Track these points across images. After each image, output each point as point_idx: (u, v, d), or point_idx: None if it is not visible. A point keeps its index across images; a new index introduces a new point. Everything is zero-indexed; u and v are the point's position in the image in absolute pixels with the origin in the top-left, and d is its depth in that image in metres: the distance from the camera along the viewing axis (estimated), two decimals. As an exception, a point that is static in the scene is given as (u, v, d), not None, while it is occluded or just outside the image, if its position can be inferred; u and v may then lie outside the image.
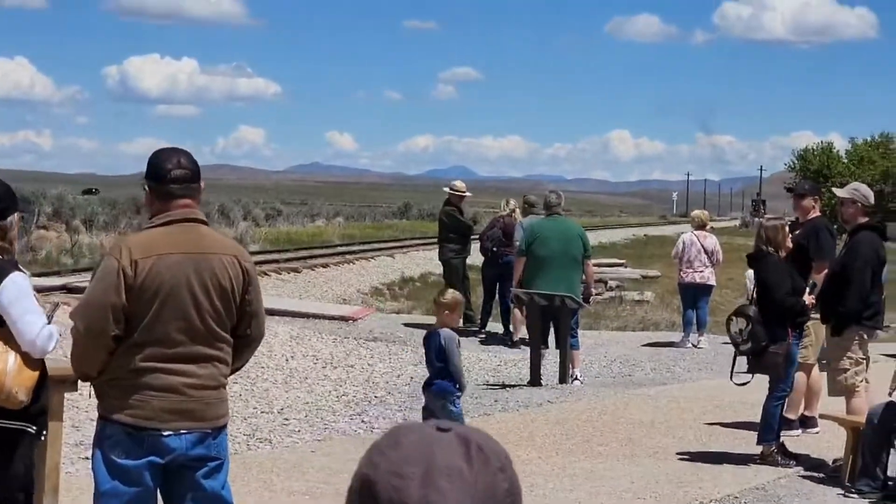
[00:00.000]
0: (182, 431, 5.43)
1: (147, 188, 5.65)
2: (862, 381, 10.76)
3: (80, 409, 11.29)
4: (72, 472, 9.54)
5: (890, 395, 9.74)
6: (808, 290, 10.80)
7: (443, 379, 9.92)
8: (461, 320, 20.84)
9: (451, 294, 10.28)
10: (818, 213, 12.32)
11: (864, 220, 11.11)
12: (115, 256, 5.42)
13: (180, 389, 5.44)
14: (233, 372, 5.76)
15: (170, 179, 5.54)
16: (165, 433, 5.40)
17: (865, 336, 10.86)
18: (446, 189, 21.25)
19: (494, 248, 19.63)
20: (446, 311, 10.04)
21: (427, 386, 10.13)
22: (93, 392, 5.72)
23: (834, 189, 11.52)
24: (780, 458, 10.70)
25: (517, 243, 18.37)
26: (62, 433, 7.20)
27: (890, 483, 9.56)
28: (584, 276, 15.61)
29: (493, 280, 20.06)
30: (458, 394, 10.00)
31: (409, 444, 1.73)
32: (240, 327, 5.62)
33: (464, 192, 20.86)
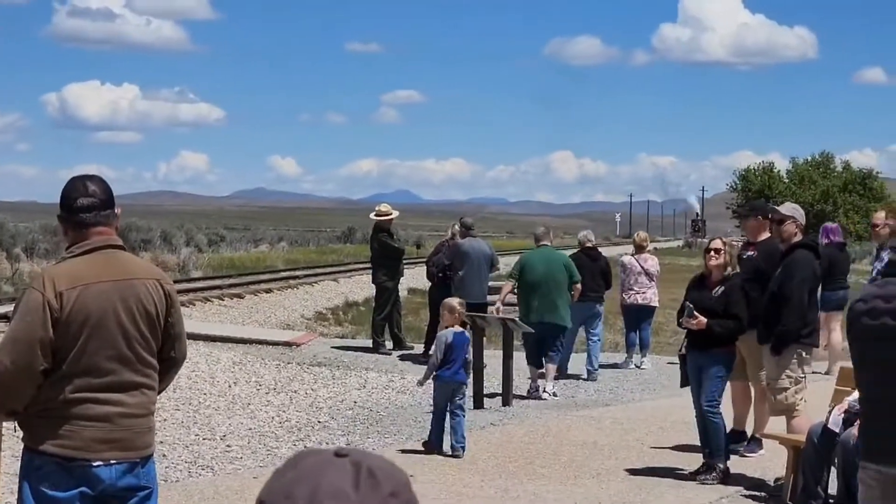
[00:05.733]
0: (112, 462, 5.34)
1: (59, 218, 5.53)
2: (802, 399, 10.84)
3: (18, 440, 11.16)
4: (11, 502, 9.43)
5: (829, 413, 9.80)
6: (685, 311, 10.82)
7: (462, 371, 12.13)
8: (395, 343, 21.07)
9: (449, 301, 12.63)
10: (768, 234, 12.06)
11: (799, 238, 11.22)
12: (39, 289, 5.28)
13: (111, 419, 5.35)
14: (157, 393, 5.69)
15: (77, 208, 5.42)
16: (95, 464, 5.31)
17: (805, 354, 10.95)
18: (372, 215, 21.44)
19: (440, 273, 19.71)
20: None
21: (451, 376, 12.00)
22: (16, 424, 5.62)
23: (778, 207, 11.58)
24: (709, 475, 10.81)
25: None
26: (1, 463, 7.12)
27: (830, 501, 9.62)
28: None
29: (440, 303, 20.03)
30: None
31: (304, 467, 1.80)
32: (164, 350, 5.58)
33: (389, 214, 21.10)
